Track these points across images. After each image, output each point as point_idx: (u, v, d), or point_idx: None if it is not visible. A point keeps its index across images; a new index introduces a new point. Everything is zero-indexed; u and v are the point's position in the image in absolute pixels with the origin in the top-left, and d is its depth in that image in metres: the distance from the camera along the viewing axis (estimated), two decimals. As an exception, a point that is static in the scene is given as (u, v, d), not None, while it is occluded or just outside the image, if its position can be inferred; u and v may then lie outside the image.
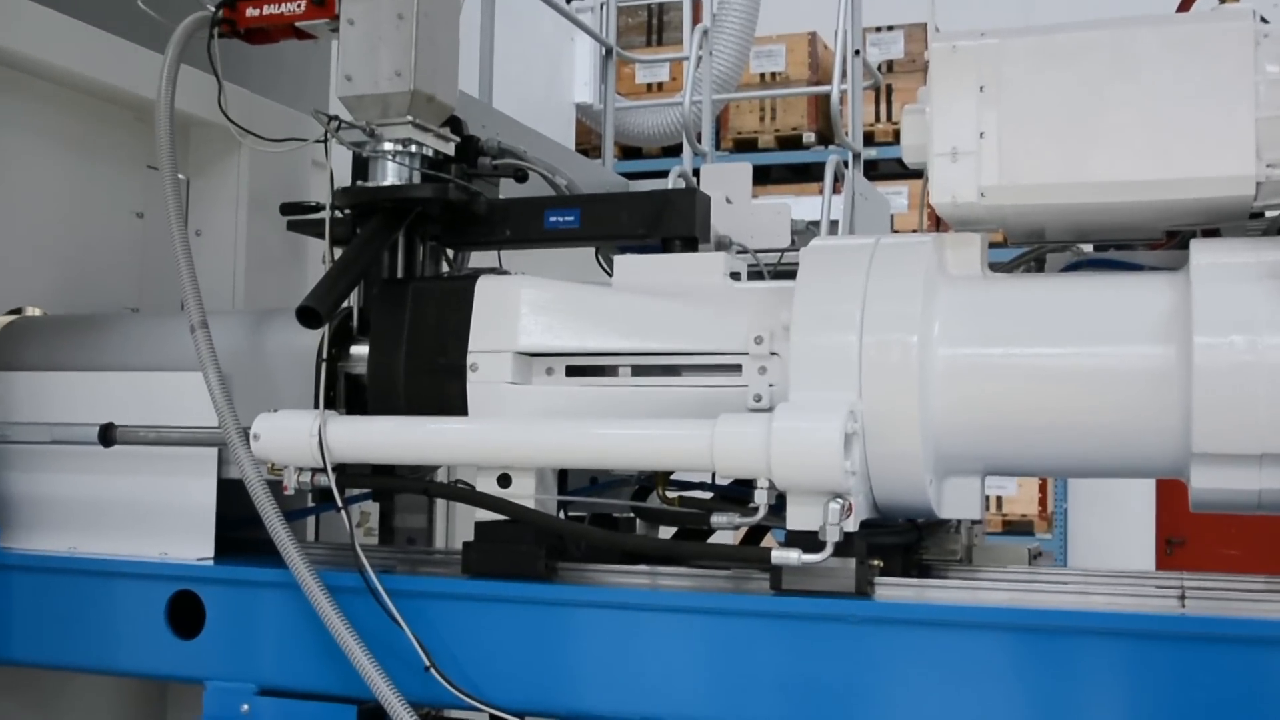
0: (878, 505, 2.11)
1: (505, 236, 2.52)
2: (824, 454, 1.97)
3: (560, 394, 2.30)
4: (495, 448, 2.23)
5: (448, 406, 2.31)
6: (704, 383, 2.25)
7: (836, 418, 1.98)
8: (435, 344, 2.35)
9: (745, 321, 2.22)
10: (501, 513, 2.22)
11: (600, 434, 2.18)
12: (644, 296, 2.31)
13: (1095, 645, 1.88)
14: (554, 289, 2.33)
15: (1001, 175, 2.10)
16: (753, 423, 2.04)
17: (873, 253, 2.15)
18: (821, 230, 4.67)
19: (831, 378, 2.06)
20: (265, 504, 2.27)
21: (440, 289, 2.41)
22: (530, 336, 2.30)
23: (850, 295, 2.10)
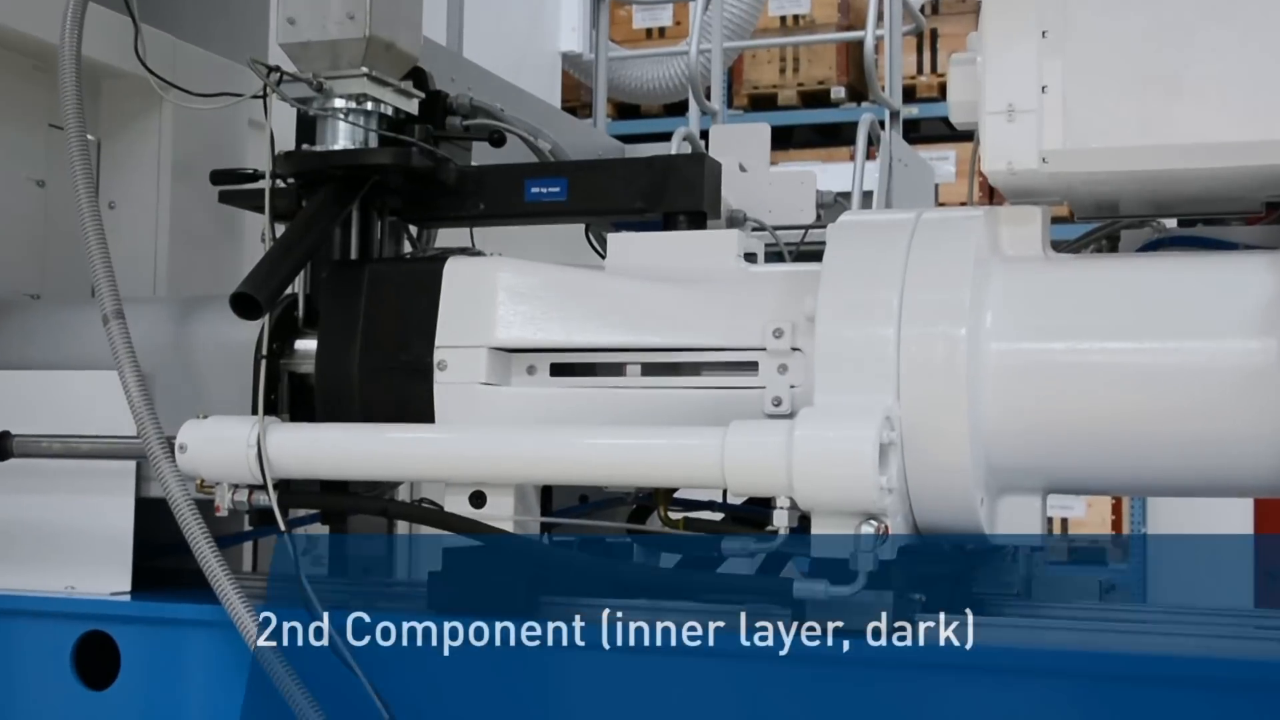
0: (919, 528, 2.12)
1: (479, 211, 2.52)
2: (855, 468, 1.97)
3: (544, 397, 2.31)
4: (467, 460, 2.24)
5: (411, 411, 2.32)
6: (713, 384, 2.26)
7: (870, 425, 1.98)
8: (396, 338, 2.35)
9: (762, 311, 2.23)
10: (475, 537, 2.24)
11: (591, 444, 2.18)
12: (642, 282, 2.32)
13: (1180, 697, 1.89)
14: (536, 273, 2.34)
15: (1067, 137, 2.11)
16: (770, 431, 2.04)
17: (913, 229, 2.15)
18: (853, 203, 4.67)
19: (864, 378, 2.06)
20: (193, 528, 2.28)
21: (402, 273, 2.42)
22: (508, 329, 2.30)
23: (886, 280, 2.10)
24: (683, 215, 2.43)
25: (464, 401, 2.30)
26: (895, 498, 2.03)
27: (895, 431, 2.03)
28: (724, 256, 2.34)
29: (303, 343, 2.48)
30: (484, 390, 2.30)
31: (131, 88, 2.99)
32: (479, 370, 2.30)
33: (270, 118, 2.43)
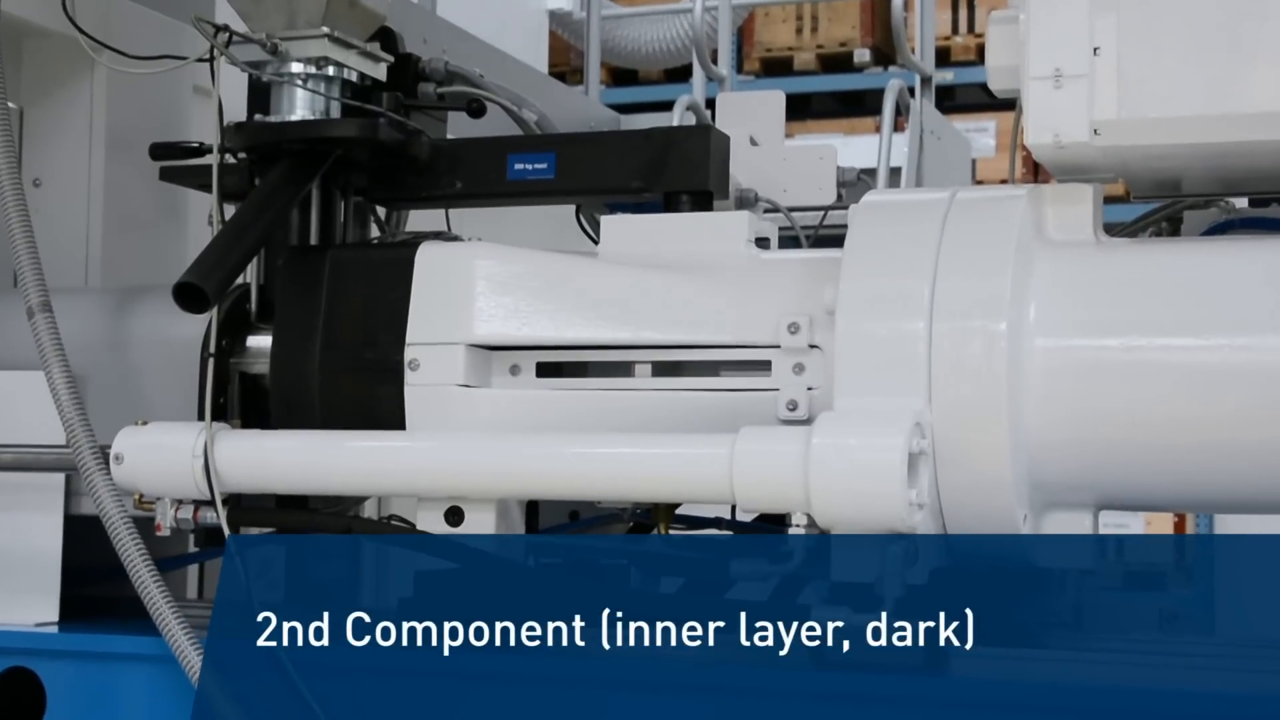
0: (952, 548, 2.13)
1: (455, 190, 2.53)
2: (881, 481, 1.98)
3: (529, 400, 2.32)
4: (442, 472, 2.25)
5: (379, 416, 2.33)
6: (720, 386, 2.26)
7: (898, 432, 1.99)
8: (361, 333, 2.36)
9: (775, 304, 2.24)
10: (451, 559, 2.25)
11: (582, 454, 2.19)
12: (641, 271, 2.33)
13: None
14: (520, 260, 2.34)
15: (1122, 106, 2.11)
16: (785, 439, 2.05)
17: (947, 211, 2.16)
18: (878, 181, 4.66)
19: (891, 378, 2.06)
20: (130, 549, 2.28)
21: (368, 260, 2.42)
22: (489, 324, 2.31)
23: (916, 268, 2.11)
24: (686, 195, 2.43)
25: (438, 405, 2.30)
26: (927, 515, 2.04)
27: (926, 439, 2.03)
28: (732, 242, 2.35)
29: (255, 339, 2.49)
30: (461, 393, 2.30)
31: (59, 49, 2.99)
32: (455, 370, 2.30)
33: (218, 84, 2.44)
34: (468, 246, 2.41)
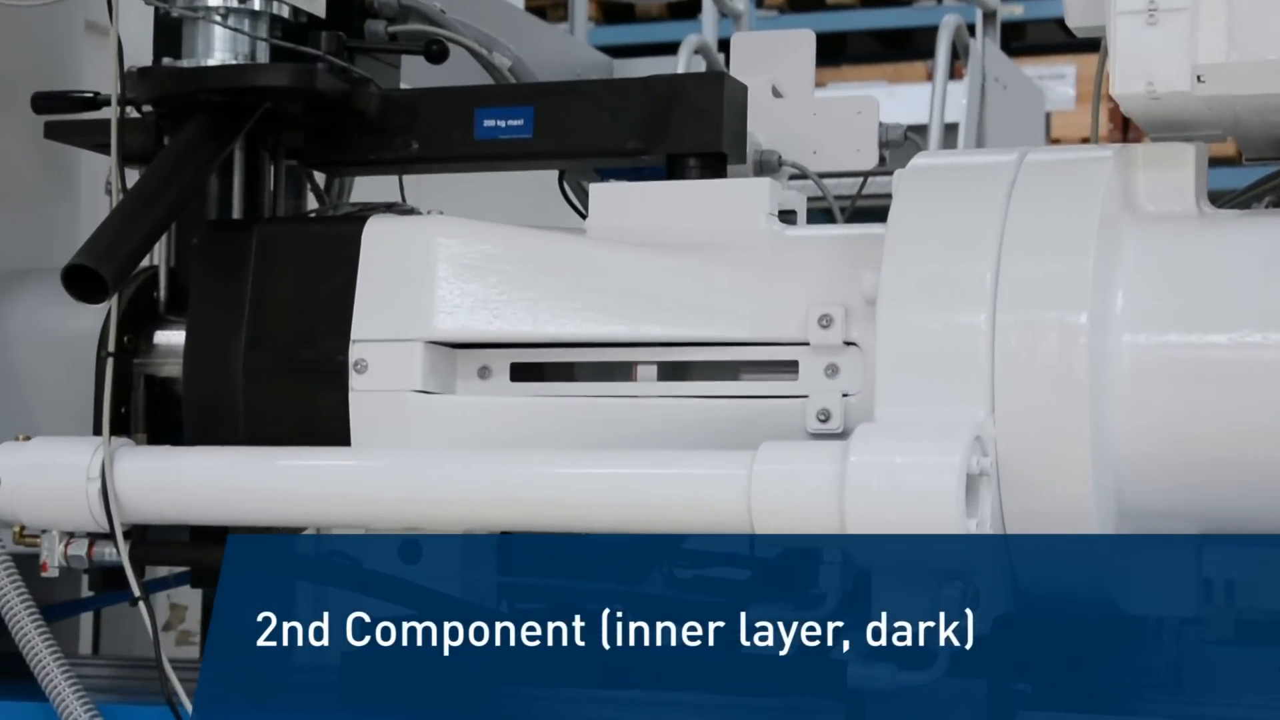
0: (1022, 589, 2.13)
1: (411, 151, 2.54)
2: (933, 508, 1.98)
3: (501, 410, 2.33)
4: (394, 498, 2.26)
5: (317, 430, 2.35)
6: (736, 391, 2.27)
7: (954, 449, 1.99)
8: (296, 327, 2.37)
9: (803, 292, 2.25)
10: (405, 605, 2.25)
11: (566, 477, 2.20)
12: (638, 252, 2.34)
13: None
14: (491, 238, 2.35)
15: (1231, 47, 2.11)
16: (815, 456, 2.06)
17: (1014, 176, 2.17)
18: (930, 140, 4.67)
19: (945, 383, 2.07)
20: (8, 594, 2.28)
21: (304, 237, 2.43)
22: (453, 316, 2.32)
23: (977, 247, 2.11)
24: (693, 159, 2.44)
25: (391, 416, 2.31)
26: (989, 548, 2.05)
27: (989, 457, 2.04)
28: (751, 215, 2.36)
29: (165, 335, 2.50)
30: (418, 400, 2.31)
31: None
32: (411, 373, 2.31)
33: (117, 20, 2.43)
34: (426, 221, 2.42)
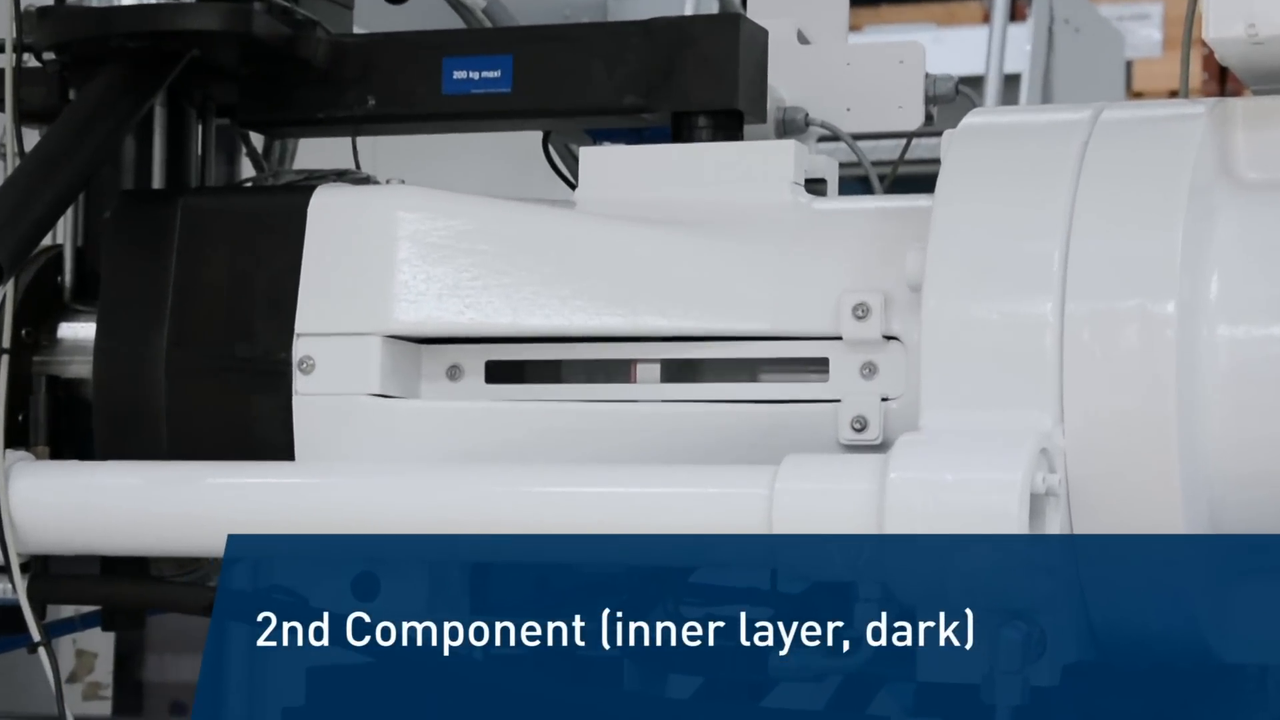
0: (1097, 634, 2.12)
1: (366, 109, 2.54)
2: (990, 535, 1.97)
3: (475, 416, 2.33)
4: (347, 524, 2.26)
5: (254, 441, 2.35)
6: (754, 395, 2.28)
7: (1015, 463, 1.98)
8: (229, 319, 2.37)
9: (835, 276, 2.25)
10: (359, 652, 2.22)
11: (550, 496, 2.20)
12: (637, 228, 2.34)
13: None
14: (462, 212, 2.36)
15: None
16: (849, 473, 2.05)
17: (1088, 137, 2.16)
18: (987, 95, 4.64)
19: (1004, 384, 2.07)
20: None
21: (239, 212, 2.44)
22: (417, 305, 2.33)
23: (1042, 222, 2.11)
24: (704, 117, 2.43)
25: (342, 424, 2.32)
26: (1058, 583, 2.03)
27: (1057, 474, 2.02)
28: (773, 185, 2.36)
29: (72, 327, 2.50)
30: (375, 406, 2.32)
31: None
32: (367, 373, 2.32)
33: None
34: (385, 192, 2.42)
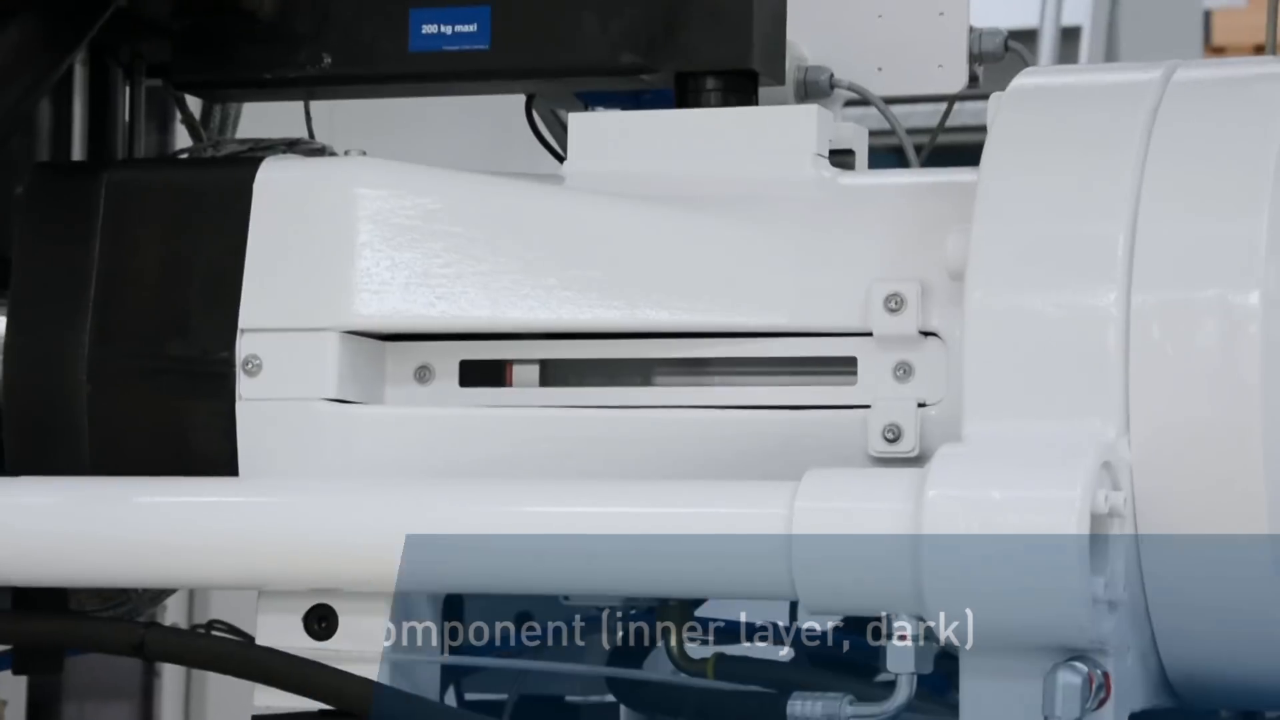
0: (1171, 678, 2.10)
1: (321, 68, 2.53)
2: (1044, 562, 1.94)
3: (447, 425, 2.33)
4: (299, 548, 2.25)
5: (191, 454, 2.34)
6: (771, 399, 2.26)
7: (1073, 479, 1.95)
8: (161, 313, 2.36)
9: (865, 262, 2.23)
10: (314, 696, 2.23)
11: (535, 517, 2.18)
12: (635, 207, 2.33)
13: None
14: (432, 189, 2.35)
15: None
16: (880, 491, 2.03)
17: (1158, 101, 2.14)
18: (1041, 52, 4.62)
19: (1060, 389, 2.04)
20: None
21: (173, 187, 2.43)
22: (380, 296, 2.32)
23: (1105, 200, 2.08)
24: (712, 78, 2.42)
25: (293, 434, 2.31)
26: (1123, 619, 2.00)
27: (1122, 492, 2.00)
28: (792, 156, 2.34)
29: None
30: (332, 413, 2.31)
31: None
32: (322, 375, 2.31)
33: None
34: (343, 165, 2.41)
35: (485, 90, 2.63)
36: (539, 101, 2.71)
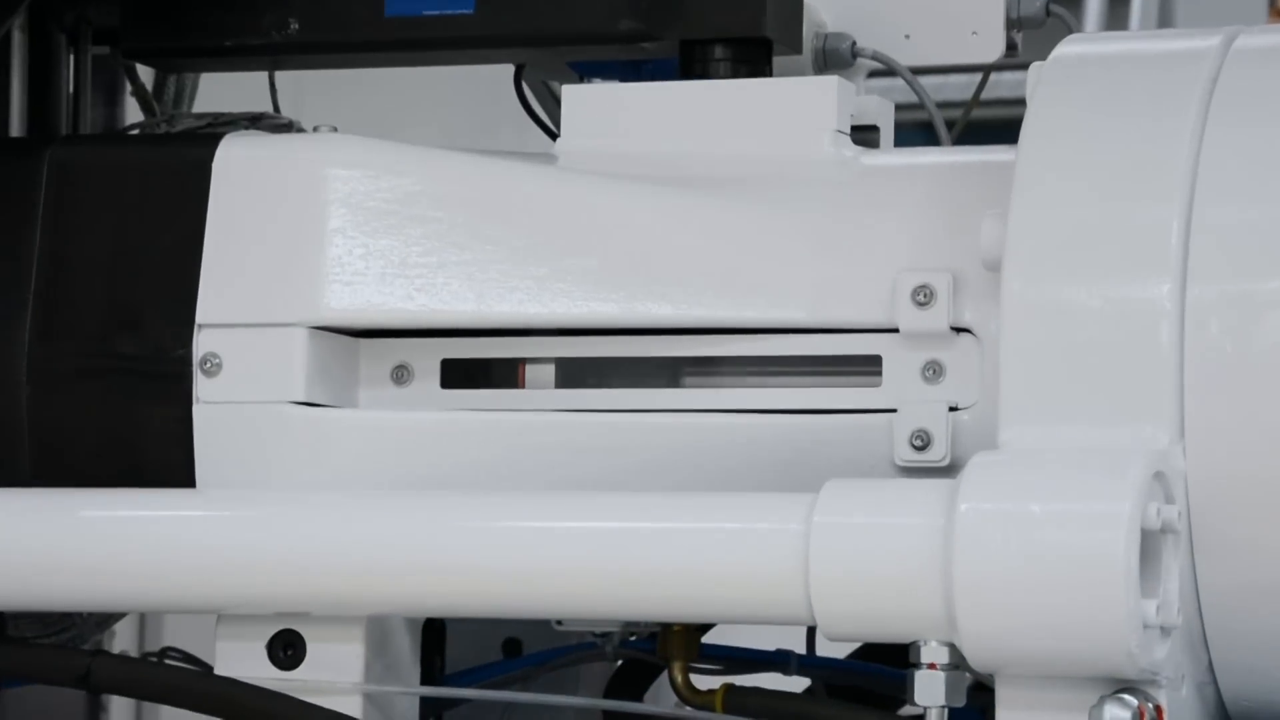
0: (1229, 711, 2.10)
1: (287, 35, 2.53)
2: (1089, 584, 1.93)
3: (427, 430, 2.33)
4: (263, 566, 2.24)
5: (143, 462, 2.35)
6: (786, 403, 2.26)
7: (1121, 492, 1.94)
8: (110, 306, 2.37)
9: (889, 250, 2.24)
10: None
11: (522, 533, 2.18)
12: (635, 189, 2.34)
13: None
14: (412, 168, 2.35)
15: None
16: (906, 504, 2.02)
17: (1217, 71, 2.13)
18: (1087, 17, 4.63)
19: (1107, 390, 2.04)
20: None
21: (123, 167, 2.43)
22: (353, 288, 2.33)
23: (1157, 180, 2.07)
24: (720, 46, 2.41)
25: (257, 441, 2.32)
26: (1178, 646, 2.00)
27: (1176, 505, 1.99)
28: (810, 133, 2.35)
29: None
30: (300, 417, 2.32)
31: None
32: (289, 375, 2.32)
33: None
34: (312, 143, 2.41)
35: (470, 60, 2.63)
36: (529, 72, 2.73)
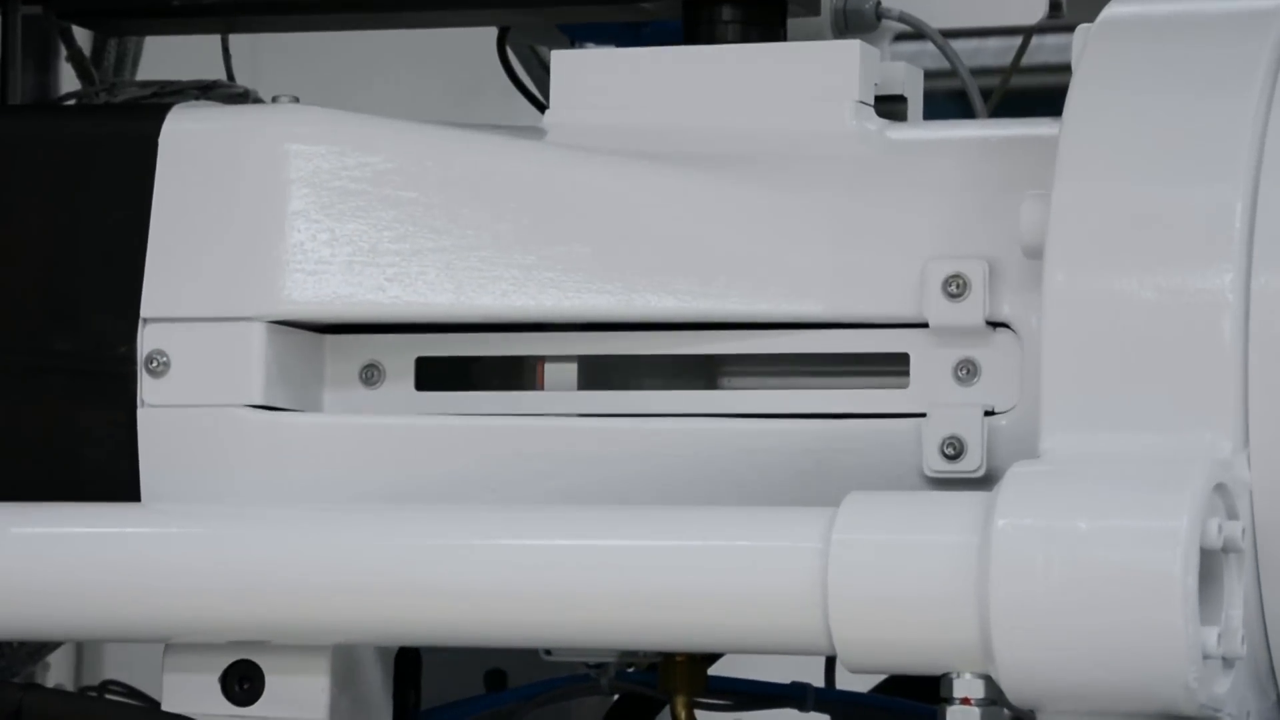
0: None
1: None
2: (1142, 609, 1.94)
3: (399, 437, 2.35)
4: (215, 590, 2.25)
5: (80, 471, 2.36)
6: (802, 406, 2.28)
7: (1178, 506, 1.95)
8: (43, 299, 2.38)
9: (917, 235, 2.25)
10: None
11: (506, 551, 2.19)
12: (632, 167, 2.35)
13: None
14: (382, 144, 2.37)
15: None
16: (938, 519, 2.03)
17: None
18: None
19: (1161, 393, 2.04)
20: None
21: (58, 142, 2.44)
22: (316, 279, 2.34)
23: (1217, 158, 2.08)
24: (729, 6, 2.43)
25: (209, 449, 2.34)
26: (1241, 678, 2.01)
27: (1240, 521, 2.00)
28: (830, 104, 2.36)
29: None
30: (257, 422, 2.33)
31: None
32: (246, 375, 2.33)
33: None
34: (271, 115, 2.43)
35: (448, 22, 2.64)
36: (514, 35, 2.75)
